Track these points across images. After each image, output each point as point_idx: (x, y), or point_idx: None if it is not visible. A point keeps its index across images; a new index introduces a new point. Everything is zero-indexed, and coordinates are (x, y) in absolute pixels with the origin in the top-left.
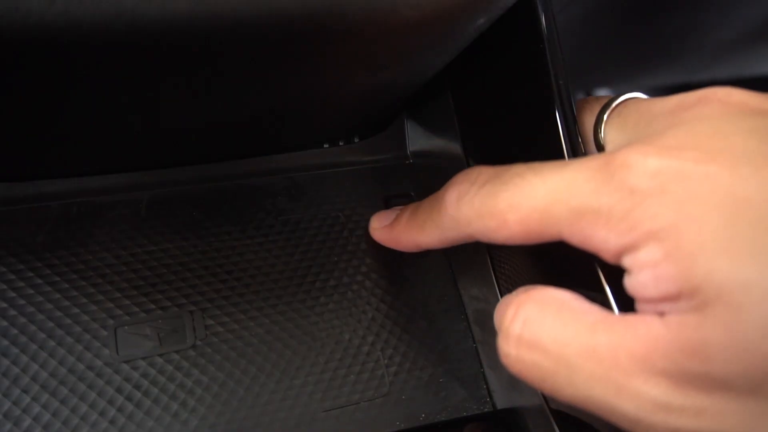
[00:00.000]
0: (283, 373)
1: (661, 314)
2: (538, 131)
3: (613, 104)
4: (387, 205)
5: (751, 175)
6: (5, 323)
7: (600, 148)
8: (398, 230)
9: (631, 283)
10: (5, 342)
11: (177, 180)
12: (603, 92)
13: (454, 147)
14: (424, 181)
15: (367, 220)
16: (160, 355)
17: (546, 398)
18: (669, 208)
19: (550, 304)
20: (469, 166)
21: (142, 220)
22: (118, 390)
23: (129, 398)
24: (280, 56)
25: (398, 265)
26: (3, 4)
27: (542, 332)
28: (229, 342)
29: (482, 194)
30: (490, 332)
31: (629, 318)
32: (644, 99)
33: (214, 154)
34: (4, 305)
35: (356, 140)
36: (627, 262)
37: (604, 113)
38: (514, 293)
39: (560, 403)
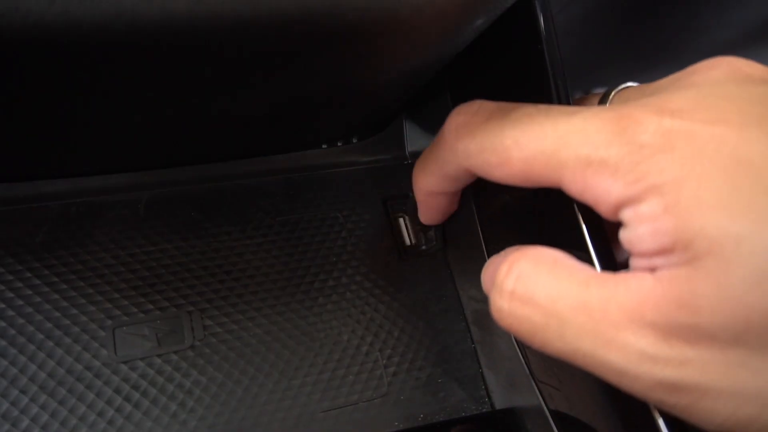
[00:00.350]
0: (282, 374)
1: (654, 270)
2: None
3: (614, 92)
4: (385, 205)
5: (757, 139)
6: (3, 323)
7: None
8: (413, 175)
9: (628, 237)
10: (3, 342)
11: (176, 180)
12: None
13: None
14: None
15: (365, 221)
16: (159, 356)
17: (545, 398)
18: (675, 164)
19: (543, 261)
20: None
21: (140, 221)
22: (117, 390)
23: (127, 399)
24: (279, 56)
25: (397, 266)
26: (2, 4)
27: (535, 287)
28: (227, 342)
29: (486, 128)
30: (488, 333)
31: (621, 274)
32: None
33: (212, 154)
34: (2, 306)
35: (355, 141)
36: (626, 215)
37: (606, 100)
38: (503, 253)
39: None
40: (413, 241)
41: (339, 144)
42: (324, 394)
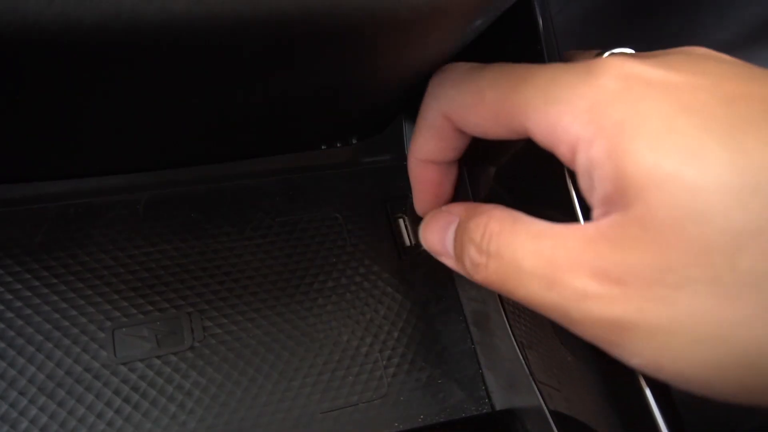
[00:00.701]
0: (281, 375)
1: (595, 220)
2: None
3: (608, 53)
4: (385, 206)
5: (705, 89)
6: (2, 325)
7: None
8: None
9: (583, 184)
10: (2, 344)
11: (175, 181)
12: None
13: None
14: None
15: (365, 221)
16: (158, 357)
17: (545, 399)
18: (625, 106)
19: (506, 220)
20: (466, 166)
21: (139, 222)
22: (116, 392)
23: (127, 400)
24: (279, 57)
25: (396, 266)
26: (0, 5)
27: (500, 243)
28: (226, 343)
29: (466, 74)
30: (488, 333)
31: (572, 225)
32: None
33: (211, 155)
34: (1, 307)
35: (354, 141)
36: (580, 158)
37: (600, 56)
38: (445, 208)
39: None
40: (413, 242)
41: (338, 145)
42: (323, 395)
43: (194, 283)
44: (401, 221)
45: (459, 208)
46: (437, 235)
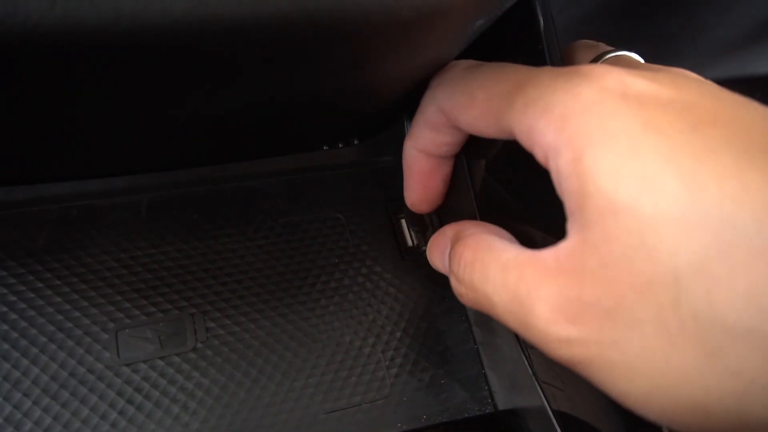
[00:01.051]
0: (284, 376)
1: (564, 238)
2: None
3: (609, 55)
4: (387, 206)
5: (678, 111)
6: (5, 327)
7: None
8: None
9: (557, 191)
10: (6, 346)
11: (176, 182)
12: None
13: None
14: None
15: (367, 222)
16: (161, 358)
17: (548, 398)
18: (594, 119)
19: (480, 248)
20: (468, 166)
21: (141, 223)
22: (120, 393)
23: (130, 401)
24: (279, 58)
25: (398, 267)
26: (1, 8)
27: (473, 274)
28: (229, 344)
29: (462, 75)
30: (491, 333)
31: (533, 253)
32: (639, 60)
33: (213, 156)
34: (5, 309)
35: (356, 142)
36: (552, 166)
37: (601, 58)
38: (440, 231)
39: (561, 402)
40: (415, 243)
41: (340, 145)
42: (326, 395)
43: (197, 285)
44: (403, 222)
45: (451, 231)
46: (438, 259)
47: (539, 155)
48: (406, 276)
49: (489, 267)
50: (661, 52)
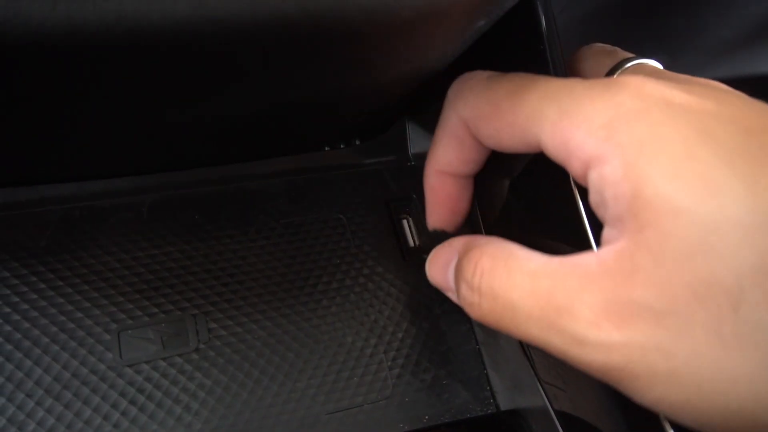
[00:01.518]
0: (286, 376)
1: (601, 246)
2: None
3: (630, 63)
4: (388, 207)
5: (727, 119)
6: (8, 327)
7: None
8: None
9: (594, 202)
10: (9, 346)
11: (178, 183)
12: None
13: None
14: None
15: (369, 223)
16: (164, 359)
17: (550, 399)
18: (644, 126)
19: (500, 256)
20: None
21: (143, 224)
22: (122, 394)
23: (132, 402)
24: (281, 59)
25: (400, 267)
26: (3, 10)
27: (494, 281)
28: (231, 345)
29: (485, 84)
30: (493, 334)
31: (567, 259)
32: (659, 68)
33: (215, 157)
34: (7, 310)
35: (357, 143)
36: (593, 176)
37: (620, 69)
38: (447, 243)
39: (563, 403)
40: (417, 243)
41: (341, 146)
42: (328, 396)
43: (199, 285)
44: (405, 222)
45: (459, 243)
46: (440, 271)
47: (575, 167)
48: (407, 276)
49: (514, 274)
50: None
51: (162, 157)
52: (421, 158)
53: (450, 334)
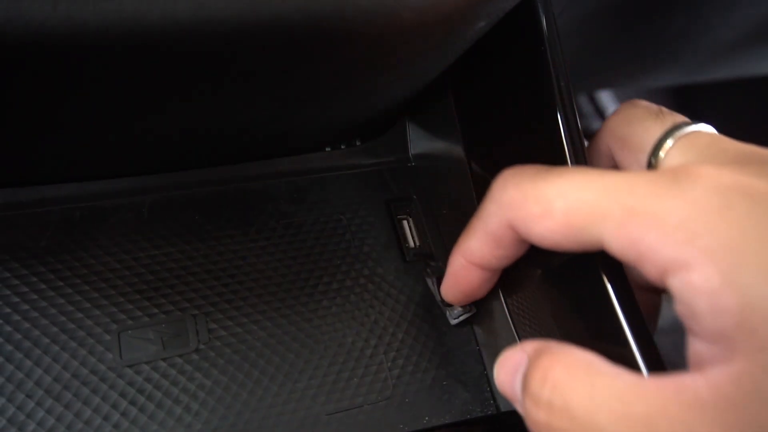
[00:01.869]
0: (287, 377)
1: (706, 366)
2: (540, 133)
3: (682, 132)
4: (389, 207)
5: None
6: (9, 328)
7: (651, 164)
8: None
9: (684, 312)
10: (9, 347)
11: (179, 183)
12: (605, 93)
13: (456, 149)
14: (425, 184)
15: (369, 223)
16: (164, 359)
17: None
18: (732, 226)
19: (577, 366)
20: (470, 168)
21: (144, 224)
22: (122, 394)
23: (133, 402)
24: (282, 60)
25: (400, 268)
26: (5, 11)
27: (572, 398)
28: (232, 345)
29: (532, 180)
30: (493, 334)
31: (666, 381)
32: (715, 133)
33: (216, 157)
34: (8, 310)
35: (358, 143)
36: (676, 283)
37: (672, 137)
38: (519, 346)
39: None
40: (417, 244)
41: (342, 147)
42: (328, 396)
43: (199, 286)
44: (405, 222)
45: (530, 347)
46: (507, 379)
47: (650, 272)
48: (407, 277)
49: (598, 392)
50: (662, 53)
51: (162, 157)
52: (422, 158)
53: (450, 334)
